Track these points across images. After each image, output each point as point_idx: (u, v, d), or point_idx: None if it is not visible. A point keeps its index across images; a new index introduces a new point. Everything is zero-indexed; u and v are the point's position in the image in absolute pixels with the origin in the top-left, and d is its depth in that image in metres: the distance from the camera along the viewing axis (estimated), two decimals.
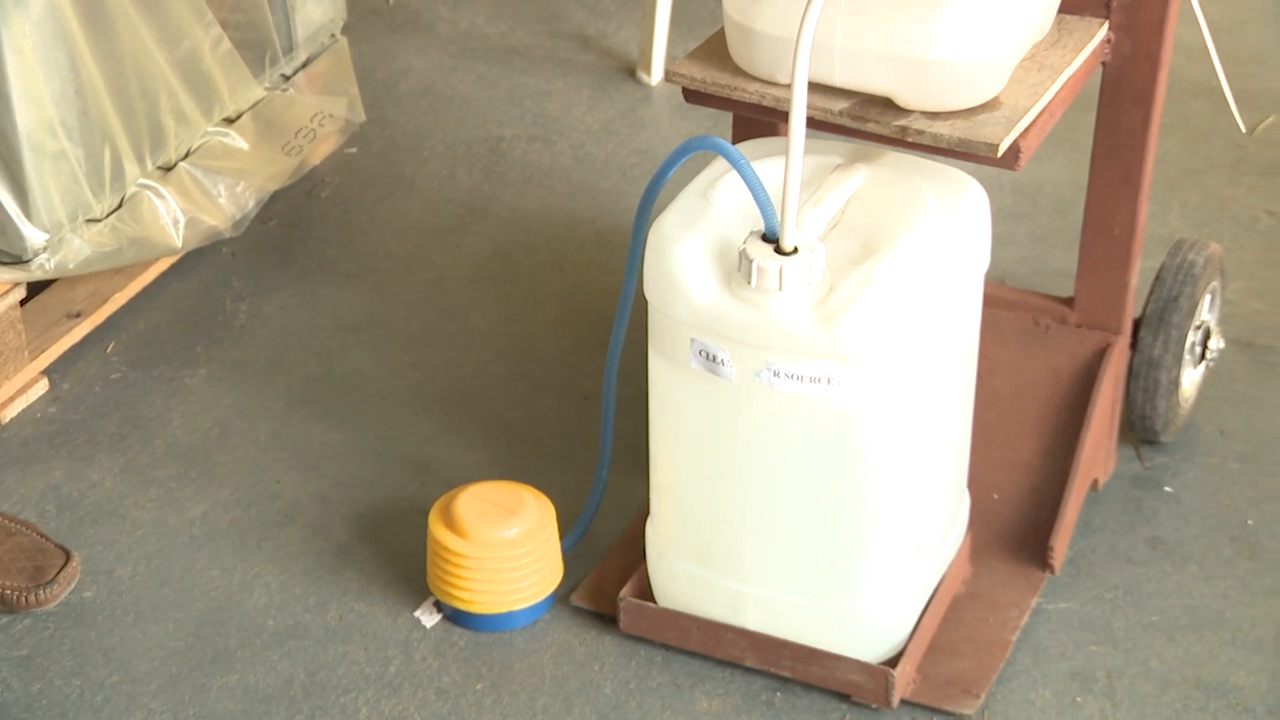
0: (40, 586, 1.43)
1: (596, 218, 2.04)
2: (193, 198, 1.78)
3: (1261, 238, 1.95)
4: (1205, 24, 1.37)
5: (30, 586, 1.43)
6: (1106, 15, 1.41)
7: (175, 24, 1.72)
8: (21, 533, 1.47)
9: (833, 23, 1.29)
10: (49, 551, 1.46)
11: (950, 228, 1.32)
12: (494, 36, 2.40)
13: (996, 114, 1.31)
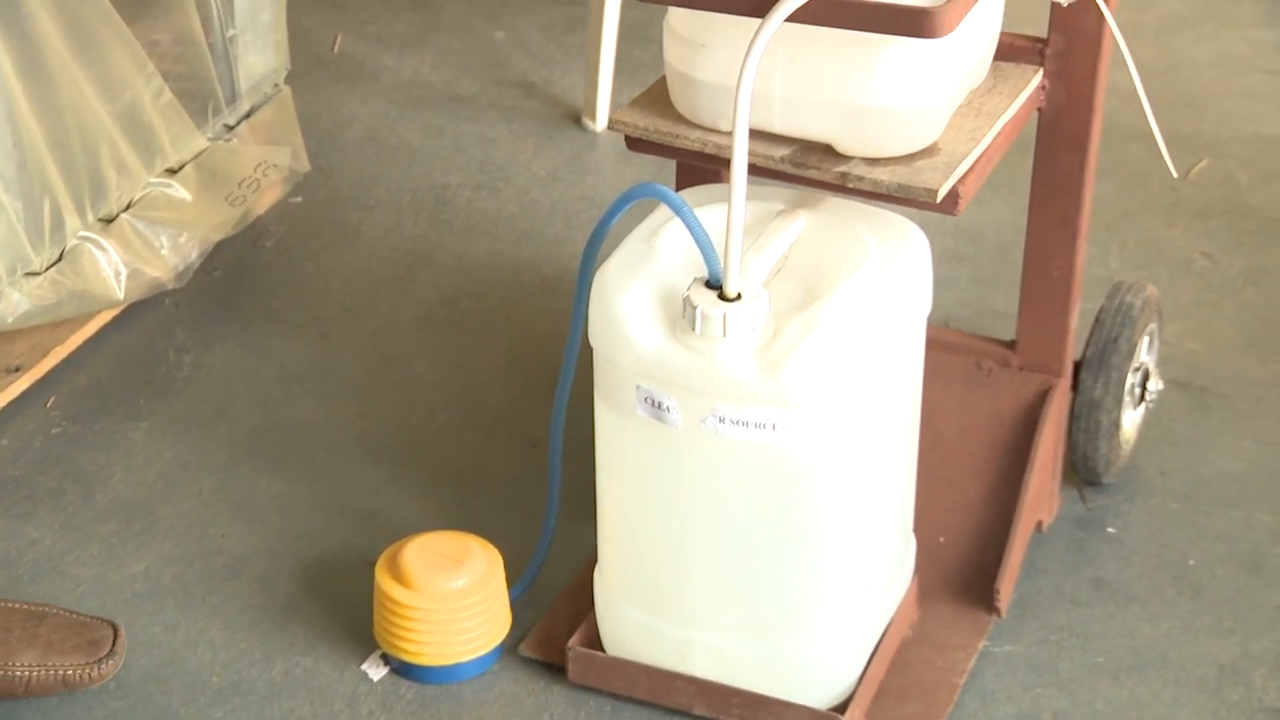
0: (100, 661, 1.42)
1: (543, 264, 2.04)
2: (135, 249, 1.78)
3: (1197, 279, 1.98)
4: (1136, 72, 1.39)
5: (91, 662, 1.41)
6: (1041, 63, 1.44)
7: (116, 75, 1.72)
8: (50, 613, 1.45)
9: (772, 71, 1.30)
10: (92, 625, 1.44)
11: (892, 272, 1.33)
12: (439, 85, 2.41)
13: (935, 160, 1.33)
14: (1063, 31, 1.42)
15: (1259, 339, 1.87)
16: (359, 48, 2.50)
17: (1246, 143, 2.21)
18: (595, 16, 2.24)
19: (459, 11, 2.59)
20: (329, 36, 2.52)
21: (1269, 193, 2.11)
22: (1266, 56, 2.38)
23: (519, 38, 2.52)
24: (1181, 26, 2.47)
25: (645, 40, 2.39)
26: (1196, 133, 2.22)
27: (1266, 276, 1.97)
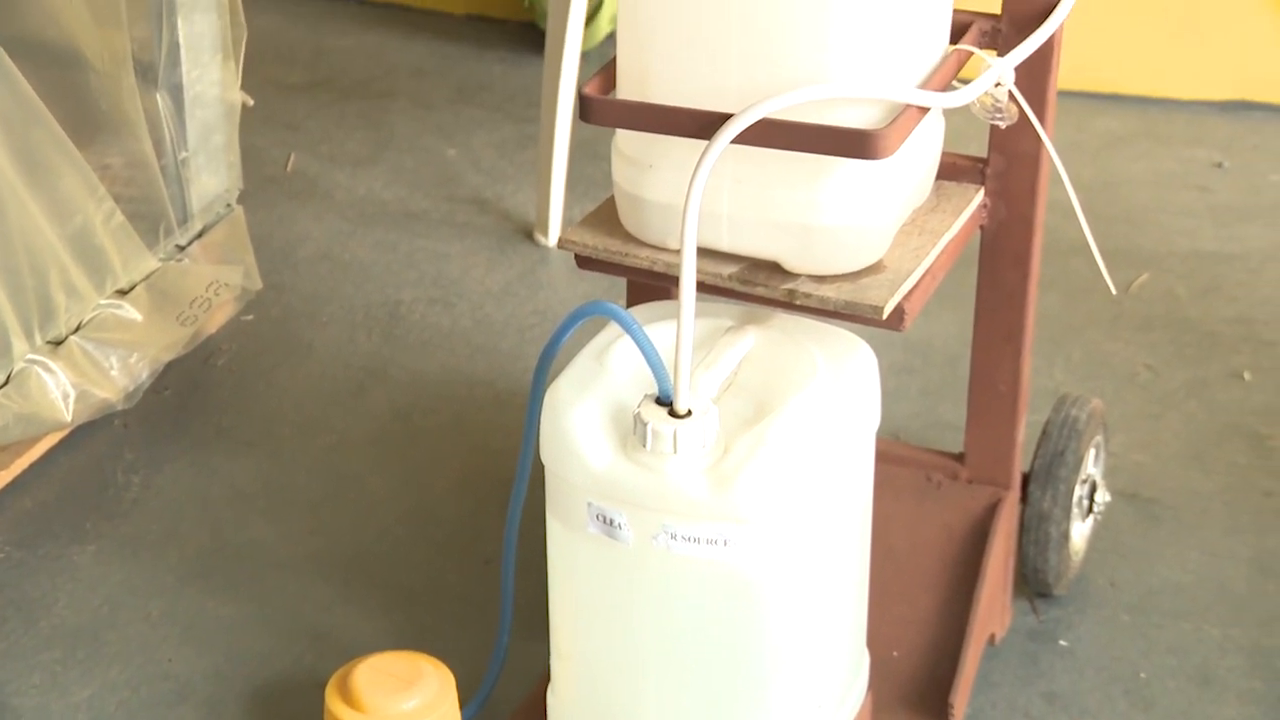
0: None
1: (496, 379, 2.05)
2: (84, 371, 1.77)
3: (1141, 391, 2.01)
4: (1074, 193, 1.43)
5: None
6: (982, 182, 1.47)
7: (67, 199, 1.72)
8: None
9: (719, 191, 1.33)
10: None
11: (840, 388, 1.35)
12: (392, 202, 2.43)
13: (881, 277, 1.35)
14: (1002, 152, 1.45)
15: (1202, 451, 1.90)
16: (312, 166, 2.53)
17: (1184, 258, 2.25)
18: (546, 134, 2.27)
19: (411, 129, 2.62)
20: (282, 156, 2.55)
21: (1207, 306, 2.15)
22: (1199, 175, 2.44)
23: (471, 155, 2.55)
24: (1118, 145, 2.53)
25: (596, 157, 2.42)
26: (1136, 248, 2.27)
27: (1207, 389, 2.00)
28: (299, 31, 2.93)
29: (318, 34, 2.93)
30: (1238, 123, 2.55)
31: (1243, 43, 2.53)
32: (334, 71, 2.81)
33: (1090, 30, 2.34)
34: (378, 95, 2.73)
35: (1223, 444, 1.91)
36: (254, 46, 1.96)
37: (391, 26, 2.95)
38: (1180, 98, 2.59)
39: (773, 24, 1.26)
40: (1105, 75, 2.61)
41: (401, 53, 2.87)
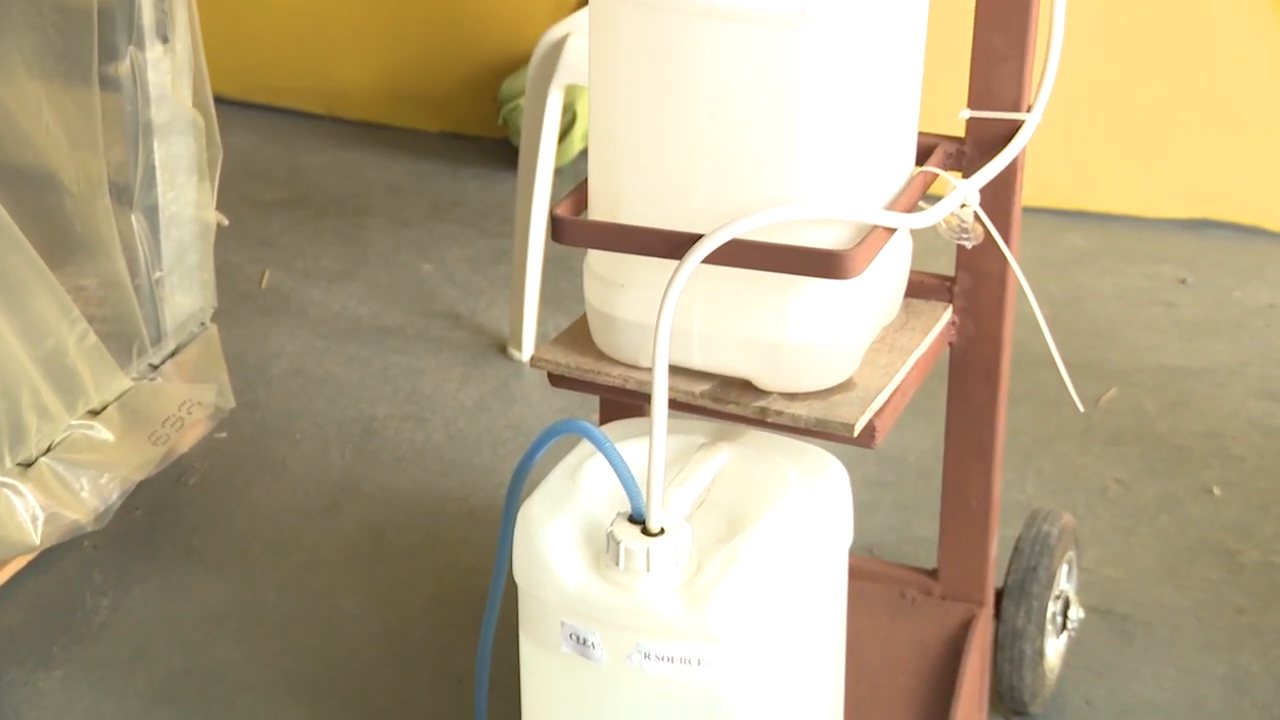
0: None
1: (469, 495, 2.04)
2: (54, 493, 1.76)
3: (1112, 506, 2.01)
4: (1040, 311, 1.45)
5: None
6: (950, 300, 1.48)
7: (40, 322, 1.72)
8: None
9: (691, 309, 1.34)
10: None
11: (813, 505, 1.35)
12: (366, 317, 2.44)
13: (851, 394, 1.36)
14: (969, 271, 1.47)
15: (1175, 566, 1.90)
16: (287, 282, 2.54)
17: (1151, 372, 2.28)
18: (520, 249, 2.29)
19: (386, 245, 2.64)
20: (257, 273, 2.56)
21: (1175, 421, 2.17)
22: (1164, 290, 2.48)
23: (446, 270, 2.56)
24: (1084, 260, 2.57)
25: (569, 271, 2.44)
26: (1104, 361, 2.29)
27: (1178, 504, 2.01)
28: (275, 149, 2.96)
29: (294, 151, 2.96)
30: (1200, 240, 2.59)
31: (1204, 162, 2.58)
32: (310, 188, 2.83)
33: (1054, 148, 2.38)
34: (353, 212, 2.75)
35: (1195, 560, 1.91)
36: (230, 164, 1.98)
37: (367, 144, 2.99)
38: (1144, 215, 2.64)
39: (741, 146, 1.28)
40: (1070, 192, 2.65)
41: (377, 170, 2.90)
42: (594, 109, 1.35)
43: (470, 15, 2.94)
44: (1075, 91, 2.41)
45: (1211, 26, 2.51)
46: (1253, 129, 2.55)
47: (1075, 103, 2.49)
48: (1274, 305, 2.42)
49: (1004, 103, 1.40)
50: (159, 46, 1.77)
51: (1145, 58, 2.56)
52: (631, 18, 1.27)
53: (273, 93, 3.10)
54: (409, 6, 2.97)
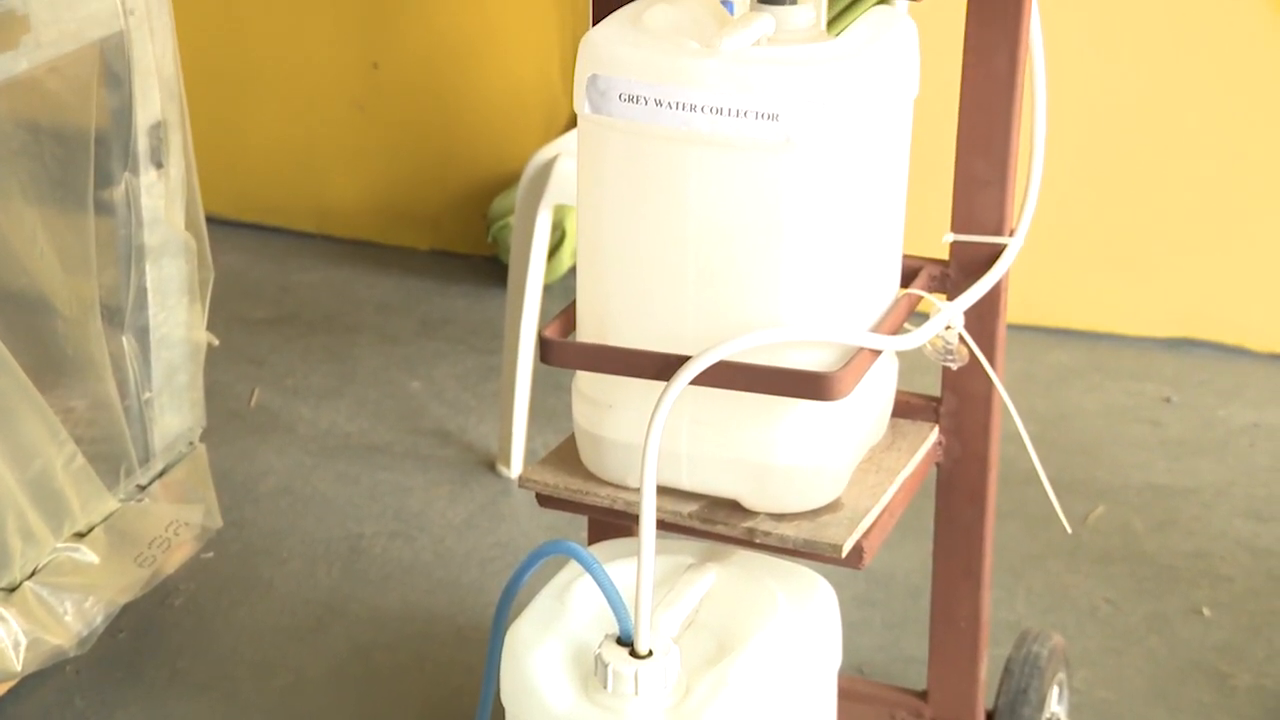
0: None
1: (457, 614, 2.03)
2: (37, 618, 1.74)
3: (1102, 626, 2.01)
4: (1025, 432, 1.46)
5: None
6: (936, 420, 1.49)
7: (27, 444, 1.71)
8: None
9: (678, 430, 1.35)
10: None
11: (801, 626, 1.35)
12: (355, 434, 2.44)
13: (839, 515, 1.36)
14: (955, 391, 1.48)
15: (1166, 689, 1.89)
16: (276, 400, 2.54)
17: (1139, 490, 2.28)
18: (508, 367, 2.30)
19: (376, 362, 2.65)
20: (246, 391, 2.56)
21: (1163, 540, 2.17)
22: (1149, 409, 2.49)
23: (435, 387, 2.57)
24: (1069, 377, 2.58)
25: (558, 388, 2.45)
26: (1091, 479, 2.30)
27: (1168, 624, 2.00)
28: (266, 267, 2.98)
29: (284, 270, 2.98)
30: (1184, 359, 2.61)
31: (1186, 281, 2.61)
32: (300, 306, 2.85)
33: (1038, 266, 2.41)
34: (343, 329, 2.76)
35: (1186, 682, 1.90)
36: (220, 283, 1.99)
37: (358, 262, 3.01)
38: (1127, 333, 2.66)
39: (728, 269, 1.30)
40: (1054, 310, 2.68)
41: (367, 287, 2.92)
42: (582, 231, 1.36)
43: (460, 135, 2.98)
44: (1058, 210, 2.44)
45: (1192, 150, 2.55)
46: (1233, 250, 2.58)
47: (1058, 222, 2.53)
48: (1258, 425, 2.44)
49: (987, 227, 1.43)
50: (153, 172, 1.79)
51: (1127, 179, 2.60)
52: (618, 143, 1.30)
53: (264, 212, 3.14)
54: (399, 125, 3.01)
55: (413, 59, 2.95)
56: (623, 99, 1.27)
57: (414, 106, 2.99)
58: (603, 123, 1.29)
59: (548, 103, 2.89)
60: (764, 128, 1.24)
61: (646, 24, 1.31)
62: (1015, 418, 1.44)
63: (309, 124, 3.07)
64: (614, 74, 1.27)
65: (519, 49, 2.87)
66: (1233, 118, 2.52)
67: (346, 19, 2.97)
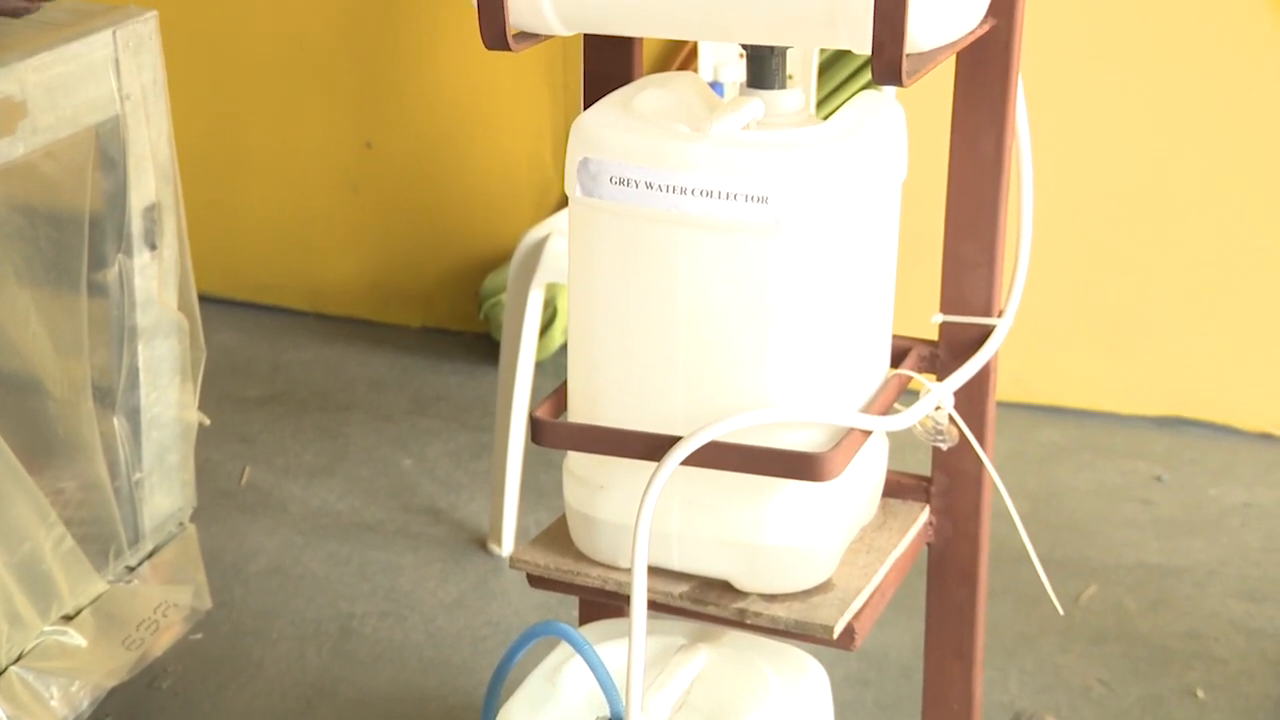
0: None
1: (448, 694, 2.02)
2: (22, 703, 1.72)
3: (1096, 707, 1.99)
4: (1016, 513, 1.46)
5: None
6: (927, 500, 1.50)
7: (16, 527, 1.71)
8: None
9: (669, 511, 1.35)
10: None
11: (792, 708, 1.34)
12: (346, 513, 2.44)
13: (830, 596, 1.36)
14: (945, 471, 1.48)
15: None
16: (267, 479, 2.54)
17: (1131, 570, 2.28)
18: (500, 444, 2.30)
19: (367, 440, 2.65)
20: (237, 470, 2.56)
21: (1157, 620, 2.16)
22: (1141, 487, 2.49)
23: (426, 464, 2.57)
24: (1060, 456, 2.58)
25: (549, 465, 2.45)
26: (1083, 558, 2.29)
27: (1162, 706, 1.99)
28: (258, 346, 2.99)
29: (276, 348, 2.99)
30: (1175, 437, 2.62)
31: (1175, 360, 2.62)
32: (292, 385, 2.85)
33: (1027, 344, 2.42)
34: (335, 407, 2.77)
35: None
36: (212, 362, 2.00)
37: (350, 340, 3.02)
38: (1118, 411, 2.67)
39: (718, 350, 1.30)
40: (1044, 388, 2.69)
41: (359, 365, 2.92)
42: (573, 312, 1.37)
43: (452, 213, 3.00)
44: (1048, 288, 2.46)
45: (1181, 229, 2.57)
46: (1222, 329, 2.59)
47: (1048, 299, 2.54)
48: (1249, 505, 2.44)
49: (975, 308, 1.44)
50: (147, 253, 1.80)
51: (1117, 258, 2.62)
52: (609, 225, 1.31)
53: (257, 290, 3.15)
54: (392, 204, 3.03)
55: (406, 138, 2.98)
56: (613, 182, 1.28)
57: (407, 185, 3.01)
58: (594, 205, 1.30)
59: (539, 182, 2.91)
60: (753, 210, 1.25)
61: (637, 108, 1.32)
62: (1005, 498, 1.44)
63: (302, 202, 3.09)
64: (605, 157, 1.28)
65: (511, 129, 2.90)
66: (1221, 199, 2.54)
67: (340, 99, 3.00)
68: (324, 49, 2.97)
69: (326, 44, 2.97)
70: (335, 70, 2.98)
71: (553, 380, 2.69)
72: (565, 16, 1.25)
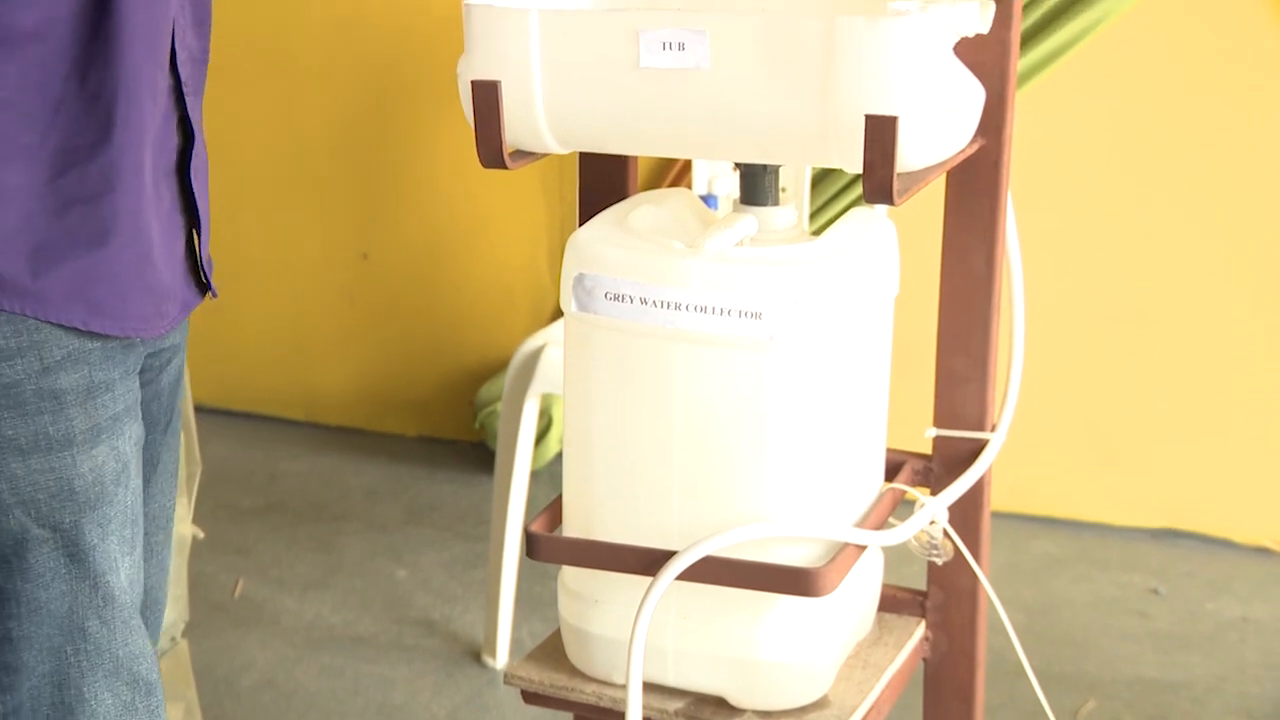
0: None
1: None
2: None
3: None
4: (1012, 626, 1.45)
5: None
6: (923, 615, 1.49)
7: None
8: None
9: (664, 626, 1.34)
10: None
11: None
12: (339, 625, 2.42)
13: (825, 713, 1.35)
14: (941, 586, 1.48)
15: None
16: (261, 591, 2.52)
17: (1129, 684, 2.26)
18: (495, 555, 2.29)
19: (362, 551, 2.64)
20: (231, 581, 2.54)
21: None
22: (1137, 600, 2.48)
23: (421, 575, 2.56)
24: (1056, 567, 2.57)
25: (544, 575, 2.44)
26: (1080, 672, 2.27)
27: None
28: (254, 456, 2.98)
29: (272, 458, 2.99)
30: (1170, 550, 2.61)
31: (1170, 472, 2.62)
32: (287, 495, 2.85)
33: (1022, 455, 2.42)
34: (330, 517, 2.76)
35: None
36: (209, 471, 2.00)
37: (346, 449, 3.02)
38: (1113, 523, 2.66)
39: (712, 464, 1.30)
40: (1039, 499, 2.68)
41: (355, 474, 2.92)
42: (568, 425, 1.38)
43: (448, 323, 3.02)
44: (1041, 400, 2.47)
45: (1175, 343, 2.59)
46: (1216, 443, 2.60)
47: (1042, 411, 2.55)
48: (1246, 619, 2.42)
49: (968, 422, 1.44)
50: None
51: (1112, 371, 2.63)
52: (604, 340, 1.32)
53: (253, 400, 3.15)
54: (388, 314, 3.05)
55: (402, 249, 3.01)
56: (609, 297, 1.29)
57: (403, 295, 3.03)
58: (589, 320, 1.31)
59: (535, 292, 2.93)
60: (748, 326, 1.26)
61: (632, 224, 1.34)
62: (1001, 613, 1.44)
63: (299, 312, 3.11)
64: (600, 273, 1.29)
65: (507, 239, 2.93)
66: (1217, 313, 2.56)
67: (337, 211, 3.03)
68: (321, 161, 3.01)
69: (324, 156, 3.00)
70: (332, 182, 3.02)
71: (548, 488, 2.69)
72: (562, 137, 1.27)
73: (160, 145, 1.31)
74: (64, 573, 1.28)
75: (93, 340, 1.27)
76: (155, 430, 1.44)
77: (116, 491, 1.30)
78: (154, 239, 1.30)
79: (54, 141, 1.22)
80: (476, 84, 1.24)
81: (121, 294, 1.27)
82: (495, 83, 1.24)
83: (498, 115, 1.24)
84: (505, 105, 1.24)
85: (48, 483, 1.26)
